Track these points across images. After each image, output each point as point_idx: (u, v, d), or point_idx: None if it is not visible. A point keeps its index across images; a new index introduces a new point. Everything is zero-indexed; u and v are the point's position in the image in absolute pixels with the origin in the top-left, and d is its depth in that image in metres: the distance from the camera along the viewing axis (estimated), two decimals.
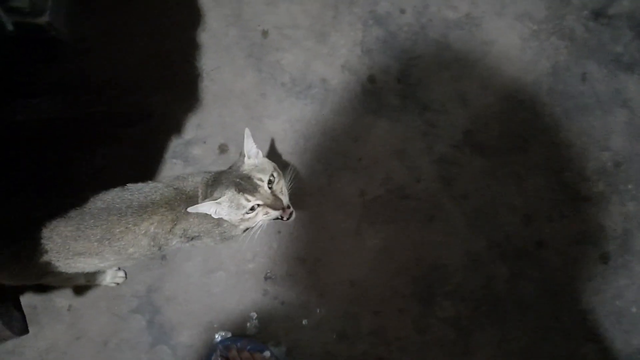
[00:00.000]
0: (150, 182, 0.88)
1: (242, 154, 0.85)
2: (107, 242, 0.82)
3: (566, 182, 1.13)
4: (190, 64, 1.16)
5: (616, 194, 1.13)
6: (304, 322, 1.08)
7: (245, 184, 0.80)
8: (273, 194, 0.83)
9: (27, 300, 1.08)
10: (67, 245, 0.81)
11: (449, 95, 1.15)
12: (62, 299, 1.09)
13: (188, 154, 1.13)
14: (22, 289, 1.09)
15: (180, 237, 0.86)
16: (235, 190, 0.80)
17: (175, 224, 0.85)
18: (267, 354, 1.02)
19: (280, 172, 0.87)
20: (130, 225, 0.82)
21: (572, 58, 1.18)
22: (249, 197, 0.80)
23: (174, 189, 0.86)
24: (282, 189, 0.85)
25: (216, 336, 1.07)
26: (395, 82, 1.15)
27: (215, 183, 0.84)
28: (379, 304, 1.09)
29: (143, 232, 0.83)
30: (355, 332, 1.08)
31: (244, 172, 0.82)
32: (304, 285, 1.10)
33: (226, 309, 1.09)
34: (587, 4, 1.20)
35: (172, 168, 1.13)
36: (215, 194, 0.81)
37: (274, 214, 0.83)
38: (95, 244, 0.82)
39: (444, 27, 1.18)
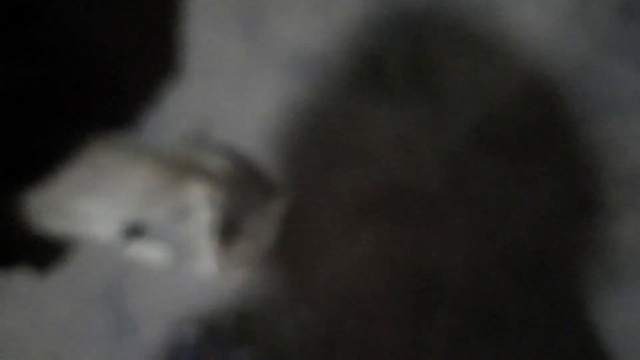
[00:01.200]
0: None
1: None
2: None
3: (580, 189, 1.08)
4: (174, 32, 1.09)
5: (632, 205, 1.07)
6: (286, 322, 1.03)
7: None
8: None
9: None
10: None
11: (460, 86, 1.09)
12: (24, 282, 1.03)
13: (167, 129, 1.07)
14: None
15: None
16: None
17: None
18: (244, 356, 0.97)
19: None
20: None
21: (595, 55, 1.12)
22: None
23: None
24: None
25: (187, 331, 1.01)
26: (403, 65, 1.09)
27: None
28: (369, 310, 1.04)
29: None
30: (342, 339, 1.03)
31: None
32: (289, 283, 1.04)
33: (202, 304, 1.03)
34: (619, 1, 1.13)
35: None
36: None
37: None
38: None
39: (458, 10, 1.10)
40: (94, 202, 0.84)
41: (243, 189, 0.75)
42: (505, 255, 1.05)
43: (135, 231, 0.81)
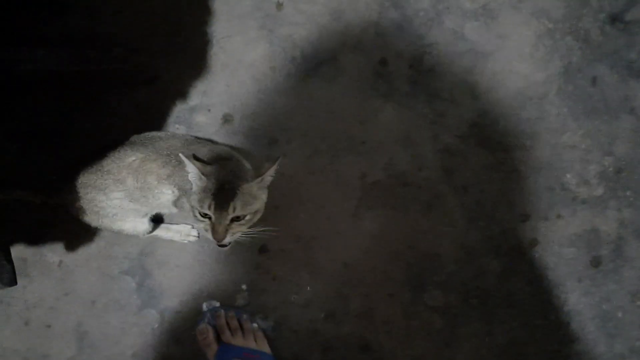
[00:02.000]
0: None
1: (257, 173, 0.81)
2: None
3: (566, 184, 1.13)
4: (200, 30, 1.14)
5: (614, 200, 1.13)
6: (294, 298, 1.09)
7: (221, 194, 0.76)
8: (228, 226, 0.78)
9: (18, 252, 1.07)
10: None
11: (459, 86, 1.15)
12: (54, 254, 1.09)
13: (192, 120, 1.12)
14: (12, 241, 1.08)
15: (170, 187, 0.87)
16: (213, 188, 0.77)
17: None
18: (254, 325, 1.03)
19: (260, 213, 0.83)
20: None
21: (585, 60, 1.17)
22: (211, 207, 0.77)
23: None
24: (240, 228, 0.80)
25: (204, 304, 1.07)
26: (407, 67, 1.14)
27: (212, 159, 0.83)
28: (369, 287, 1.10)
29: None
30: (343, 313, 1.09)
31: (233, 188, 0.78)
32: (297, 262, 1.10)
33: (217, 278, 1.09)
34: (605, 7, 1.19)
35: (175, 132, 1.11)
36: (205, 167, 0.79)
37: (209, 238, 0.79)
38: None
39: (460, 17, 1.16)
40: (127, 201, 0.90)
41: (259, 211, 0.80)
42: (495, 240, 1.11)
43: (157, 220, 0.88)
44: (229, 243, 0.83)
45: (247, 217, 0.80)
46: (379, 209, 1.11)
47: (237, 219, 0.79)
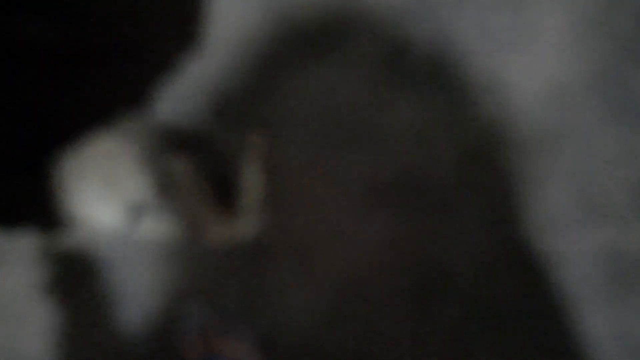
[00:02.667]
0: None
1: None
2: None
3: (591, 194, 1.08)
4: (200, 5, 1.07)
5: (639, 214, 1.07)
6: (289, 304, 1.03)
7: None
8: None
9: None
10: None
11: (481, 81, 1.09)
12: (28, 245, 1.02)
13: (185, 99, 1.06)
14: None
15: None
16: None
17: None
18: (245, 331, 0.97)
19: None
20: None
21: (618, 61, 1.12)
22: None
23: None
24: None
25: (192, 303, 1.01)
26: (425, 58, 1.08)
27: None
28: (373, 297, 1.04)
29: None
30: (343, 323, 1.03)
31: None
32: (294, 265, 1.04)
33: (208, 279, 1.03)
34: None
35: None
36: None
37: None
38: None
39: (486, 5, 1.11)
40: (98, 191, 0.87)
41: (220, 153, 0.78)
42: (511, 251, 1.05)
43: (138, 211, 0.83)
44: None
45: None
46: (387, 212, 1.05)
47: None
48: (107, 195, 0.88)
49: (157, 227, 1.00)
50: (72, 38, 1.01)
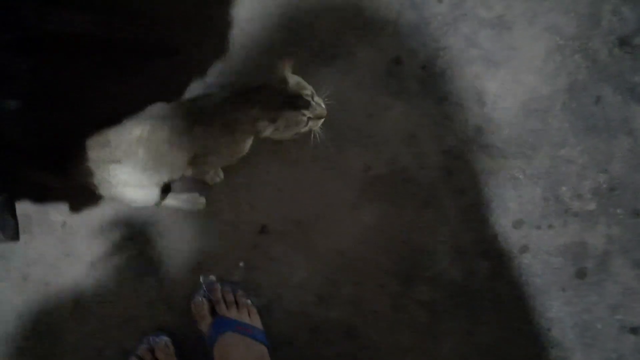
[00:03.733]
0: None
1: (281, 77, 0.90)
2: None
3: (561, 196, 1.17)
4: (224, 10, 1.16)
5: (604, 216, 1.17)
6: (288, 280, 1.12)
7: (299, 102, 0.87)
8: (317, 104, 0.90)
9: (23, 209, 1.09)
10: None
11: (468, 91, 1.18)
12: (58, 214, 1.12)
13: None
14: (18, 197, 1.10)
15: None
16: (292, 108, 0.87)
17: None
18: (249, 301, 1.06)
19: None
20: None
21: (591, 79, 1.20)
22: (305, 112, 0.87)
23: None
24: (318, 98, 0.92)
25: (201, 277, 1.10)
26: (420, 68, 1.17)
27: (259, 103, 0.88)
28: (361, 276, 1.13)
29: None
30: (334, 298, 1.12)
31: (292, 92, 0.88)
32: (295, 245, 1.13)
33: (216, 254, 1.12)
34: (615, 30, 1.22)
35: None
36: (265, 114, 0.87)
37: (319, 122, 0.92)
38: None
39: (475, 24, 1.19)
40: (132, 174, 0.93)
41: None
42: (486, 243, 1.15)
43: (166, 189, 0.91)
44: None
45: (310, 88, 0.92)
46: (378, 202, 1.15)
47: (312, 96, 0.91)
48: (140, 177, 0.95)
49: (181, 203, 1.10)
50: (112, 32, 1.07)
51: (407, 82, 1.17)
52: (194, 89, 1.14)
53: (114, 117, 0.94)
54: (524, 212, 1.16)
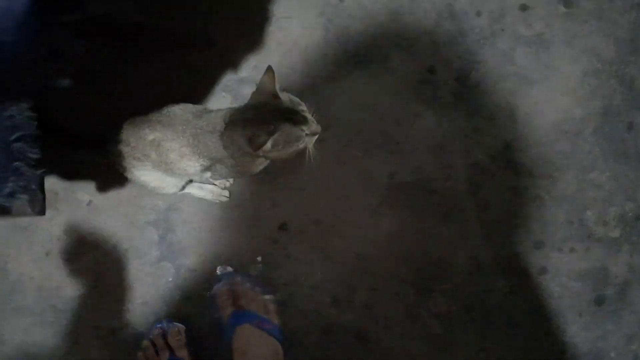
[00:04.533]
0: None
1: (272, 92, 0.84)
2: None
3: (585, 220, 1.16)
4: (263, 5, 1.17)
5: (628, 244, 1.16)
6: (304, 279, 1.13)
7: (296, 118, 0.82)
8: (312, 120, 0.85)
9: (51, 184, 1.11)
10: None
11: (501, 107, 1.17)
12: (85, 193, 1.13)
13: (239, 90, 1.15)
14: (48, 173, 1.12)
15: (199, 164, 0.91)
16: (291, 124, 0.81)
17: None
18: (267, 297, 1.07)
19: None
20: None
21: (625, 105, 1.19)
22: (304, 128, 0.82)
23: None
24: (312, 116, 0.86)
25: (219, 269, 1.11)
26: (454, 79, 1.17)
27: (253, 121, 0.83)
28: (377, 282, 1.13)
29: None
30: (348, 301, 1.12)
31: (289, 107, 0.82)
32: (313, 245, 1.14)
33: (235, 246, 1.13)
34: None
35: (220, 100, 1.15)
36: (261, 131, 0.80)
37: (314, 139, 0.86)
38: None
39: (513, 40, 1.19)
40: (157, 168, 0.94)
41: None
42: (506, 260, 1.14)
43: (207, 168, 0.92)
44: None
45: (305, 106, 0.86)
46: (400, 209, 1.14)
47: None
48: (158, 175, 0.97)
49: (205, 193, 1.12)
50: (152, 18, 1.09)
51: (440, 92, 1.17)
52: (227, 81, 1.15)
53: (145, 104, 0.95)
54: (546, 233, 1.16)
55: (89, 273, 1.12)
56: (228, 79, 1.16)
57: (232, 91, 1.16)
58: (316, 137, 0.86)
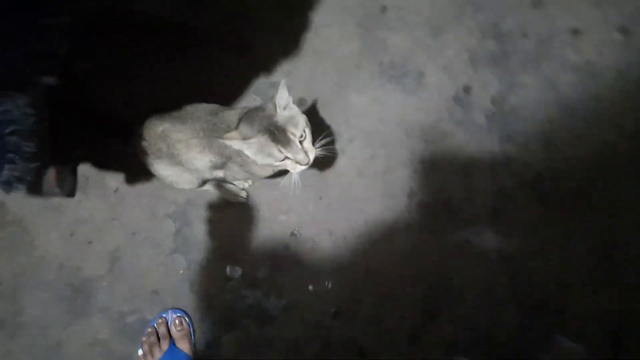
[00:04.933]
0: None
1: (273, 102, 0.84)
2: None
3: (611, 261, 1.09)
4: (303, 12, 1.17)
5: None
6: (310, 287, 1.12)
7: (279, 135, 0.81)
8: (302, 149, 0.83)
9: (83, 170, 1.16)
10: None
11: (536, 135, 1.12)
12: (113, 180, 1.17)
13: (269, 94, 1.16)
14: (81, 158, 1.16)
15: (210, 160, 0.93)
16: (269, 138, 0.81)
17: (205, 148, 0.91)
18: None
19: (310, 126, 0.86)
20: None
21: None
22: (282, 149, 0.82)
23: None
24: (310, 145, 0.85)
25: (228, 268, 1.12)
26: (489, 101, 1.12)
27: (247, 120, 0.85)
28: (384, 299, 1.11)
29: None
30: (352, 315, 1.11)
31: (279, 123, 0.82)
32: (323, 255, 1.13)
33: (246, 247, 1.14)
34: None
35: (249, 102, 1.16)
36: (244, 131, 0.83)
37: (300, 168, 0.85)
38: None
39: (559, 65, 1.13)
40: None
41: (308, 126, 0.84)
42: (519, 292, 1.09)
43: (216, 166, 0.93)
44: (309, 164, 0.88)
45: (307, 131, 0.85)
46: (416, 229, 1.11)
47: (301, 139, 0.84)
48: (173, 171, 0.99)
49: (224, 192, 1.13)
50: (188, 18, 1.12)
51: (473, 113, 1.13)
52: (259, 84, 1.15)
53: (176, 102, 0.97)
54: (568, 270, 1.09)
55: (107, 256, 1.15)
56: (261, 81, 1.17)
57: (262, 94, 1.16)
58: (303, 167, 0.85)
